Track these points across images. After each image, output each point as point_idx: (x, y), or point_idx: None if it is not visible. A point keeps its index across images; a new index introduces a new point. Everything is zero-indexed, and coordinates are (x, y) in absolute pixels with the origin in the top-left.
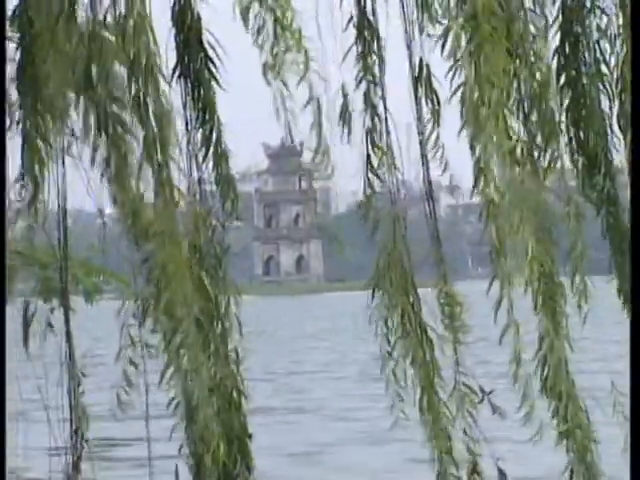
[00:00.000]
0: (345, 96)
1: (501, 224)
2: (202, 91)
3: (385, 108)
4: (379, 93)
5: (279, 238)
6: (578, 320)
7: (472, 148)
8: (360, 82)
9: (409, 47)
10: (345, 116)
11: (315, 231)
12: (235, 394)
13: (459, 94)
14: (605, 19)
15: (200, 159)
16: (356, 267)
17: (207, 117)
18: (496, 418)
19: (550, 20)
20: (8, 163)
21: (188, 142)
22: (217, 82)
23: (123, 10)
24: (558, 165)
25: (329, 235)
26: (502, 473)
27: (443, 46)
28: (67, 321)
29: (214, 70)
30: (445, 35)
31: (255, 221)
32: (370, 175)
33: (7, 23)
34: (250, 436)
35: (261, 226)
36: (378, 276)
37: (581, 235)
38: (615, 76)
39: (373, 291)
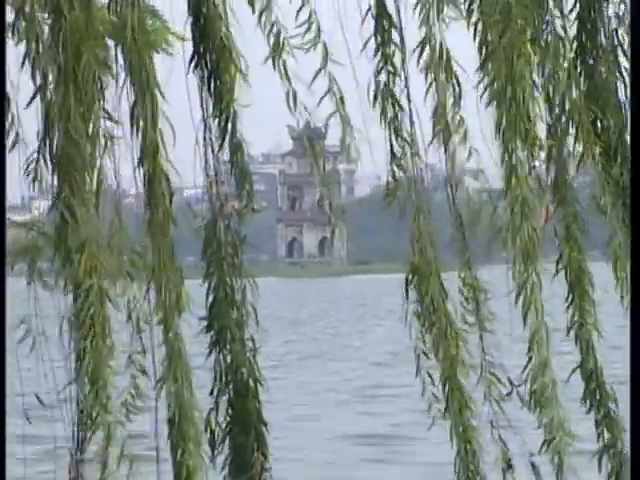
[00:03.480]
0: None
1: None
2: (218, 81)
3: (408, 98)
4: (400, 83)
5: (303, 220)
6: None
7: (505, 146)
8: (380, 72)
9: (428, 32)
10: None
11: (339, 214)
12: (251, 382)
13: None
14: (622, 7)
15: (216, 149)
16: (379, 250)
17: (223, 107)
18: None
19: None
20: (7, 163)
21: (204, 132)
22: (237, 68)
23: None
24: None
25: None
26: (535, 467)
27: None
28: (75, 301)
29: (231, 59)
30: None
31: (279, 203)
32: (394, 166)
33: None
34: (266, 424)
35: (285, 208)
36: (408, 269)
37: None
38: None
39: (407, 291)
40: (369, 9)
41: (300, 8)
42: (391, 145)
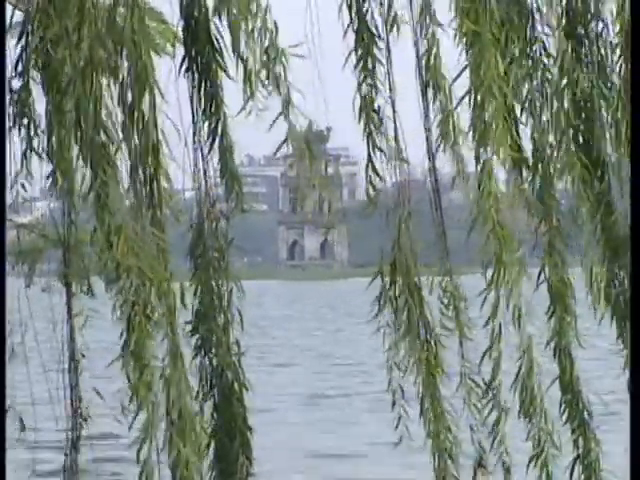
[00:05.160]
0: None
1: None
2: (209, 84)
3: (394, 110)
4: (381, 96)
5: (304, 223)
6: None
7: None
8: (361, 85)
9: (415, 44)
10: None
11: (340, 216)
12: (236, 386)
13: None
14: (601, 25)
15: (205, 151)
16: (380, 253)
17: (213, 110)
18: None
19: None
20: (8, 163)
21: (194, 135)
22: (226, 73)
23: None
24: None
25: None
26: (507, 466)
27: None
28: (69, 302)
29: (222, 62)
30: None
31: (280, 205)
32: (372, 177)
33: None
34: (251, 429)
35: (286, 210)
36: (384, 279)
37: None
38: (616, 81)
39: (379, 303)
40: (350, 23)
41: (267, 48)
42: (369, 156)
